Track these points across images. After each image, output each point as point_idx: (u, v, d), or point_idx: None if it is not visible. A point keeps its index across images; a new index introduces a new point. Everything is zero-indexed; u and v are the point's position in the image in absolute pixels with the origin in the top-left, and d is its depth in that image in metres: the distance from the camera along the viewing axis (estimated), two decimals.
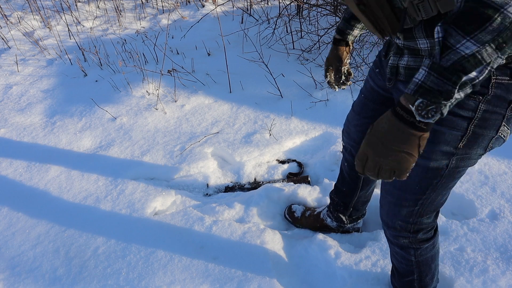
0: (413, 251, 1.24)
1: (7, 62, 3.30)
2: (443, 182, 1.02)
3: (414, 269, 1.28)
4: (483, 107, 0.85)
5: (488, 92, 0.83)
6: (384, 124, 0.77)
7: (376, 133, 0.78)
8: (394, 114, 0.75)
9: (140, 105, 2.60)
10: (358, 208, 1.66)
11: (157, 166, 2.12)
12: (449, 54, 0.66)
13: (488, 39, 0.64)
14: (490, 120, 0.87)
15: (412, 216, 1.13)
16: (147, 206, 1.85)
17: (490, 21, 0.62)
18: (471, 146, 0.92)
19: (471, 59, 0.65)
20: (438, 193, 1.06)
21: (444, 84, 0.68)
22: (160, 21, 3.80)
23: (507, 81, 0.82)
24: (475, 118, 0.87)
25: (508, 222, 1.68)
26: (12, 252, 1.67)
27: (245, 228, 1.72)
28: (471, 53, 0.65)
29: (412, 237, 1.20)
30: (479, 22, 0.63)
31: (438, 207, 1.14)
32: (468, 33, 0.64)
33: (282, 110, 2.47)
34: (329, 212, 1.72)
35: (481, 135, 0.90)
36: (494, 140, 0.92)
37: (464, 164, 0.98)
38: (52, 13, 4.05)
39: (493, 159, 2.00)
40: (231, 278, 1.51)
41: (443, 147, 0.93)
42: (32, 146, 2.30)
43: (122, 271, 1.56)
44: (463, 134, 0.89)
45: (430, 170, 0.99)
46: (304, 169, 2.15)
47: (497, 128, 0.89)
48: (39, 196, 1.94)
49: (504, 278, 1.46)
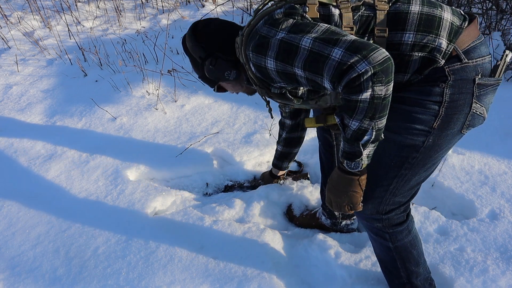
0: (388, 235, 1.27)
1: (7, 62, 3.30)
2: (419, 160, 1.11)
3: (395, 256, 1.31)
4: (448, 91, 1.04)
5: (448, 79, 1.03)
6: (334, 175, 1.12)
7: (331, 182, 1.14)
8: (339, 169, 1.10)
9: (140, 105, 2.60)
10: None
11: (157, 166, 2.12)
12: (347, 130, 1.00)
13: (362, 117, 0.95)
14: (459, 100, 1.05)
15: (386, 195, 1.18)
16: (147, 206, 1.85)
17: (356, 108, 0.94)
18: (446, 126, 1.07)
19: (358, 131, 0.98)
20: (415, 172, 1.14)
21: (353, 148, 1.02)
22: (160, 21, 3.80)
23: (459, 65, 1.03)
24: (444, 101, 1.05)
25: (508, 222, 1.68)
26: (12, 252, 1.67)
27: (245, 228, 1.72)
28: (357, 127, 0.98)
29: (384, 220, 1.23)
30: (352, 109, 0.95)
31: (414, 187, 1.19)
32: (350, 116, 0.97)
33: None
34: (323, 209, 1.75)
35: (454, 114, 1.06)
36: (469, 117, 1.07)
37: (441, 143, 1.10)
38: (52, 13, 4.05)
39: (493, 159, 2.00)
40: (231, 278, 1.51)
41: (418, 125, 1.07)
42: (32, 146, 2.29)
43: (122, 271, 1.56)
44: (436, 115, 1.06)
45: (406, 146, 1.11)
46: (303, 168, 2.15)
47: (469, 105, 1.06)
48: (39, 196, 1.94)
49: (504, 278, 1.46)
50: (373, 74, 0.89)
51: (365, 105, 0.93)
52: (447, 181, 1.90)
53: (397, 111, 1.08)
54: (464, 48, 1.04)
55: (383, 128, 1.00)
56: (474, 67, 1.04)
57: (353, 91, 0.92)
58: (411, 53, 1.03)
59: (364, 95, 0.91)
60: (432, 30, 1.03)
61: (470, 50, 1.04)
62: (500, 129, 2.19)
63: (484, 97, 1.08)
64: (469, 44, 1.04)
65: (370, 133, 0.98)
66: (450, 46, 1.03)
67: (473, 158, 2.02)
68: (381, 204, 1.20)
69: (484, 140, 2.12)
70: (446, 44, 1.03)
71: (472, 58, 1.04)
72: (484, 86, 1.06)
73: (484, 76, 1.05)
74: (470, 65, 1.03)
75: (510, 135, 2.15)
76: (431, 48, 1.03)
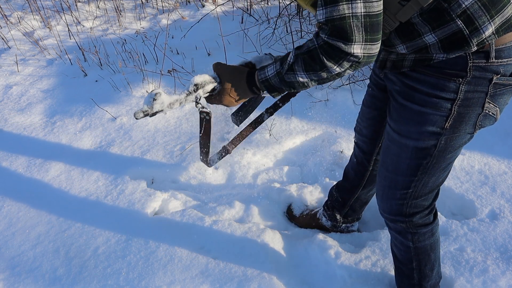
0: (410, 235, 1.25)
1: (7, 62, 3.30)
2: (434, 163, 1.08)
3: (413, 257, 1.29)
4: (464, 88, 0.95)
5: (467, 75, 0.94)
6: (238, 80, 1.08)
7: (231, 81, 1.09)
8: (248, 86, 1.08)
9: (140, 105, 2.60)
10: (355, 209, 1.66)
11: (157, 166, 2.12)
12: (291, 75, 0.98)
13: (314, 79, 0.96)
14: (473, 99, 0.97)
15: (406, 198, 1.16)
16: (147, 206, 1.85)
17: (318, 71, 0.93)
18: (458, 126, 1.01)
19: (301, 84, 0.99)
20: (431, 174, 1.11)
21: (280, 88, 1.02)
22: (160, 21, 3.80)
23: (484, 64, 0.93)
24: (457, 99, 0.97)
25: (508, 222, 1.68)
26: (12, 252, 1.67)
27: (245, 228, 1.72)
28: (303, 81, 0.98)
29: (408, 221, 1.21)
30: (314, 69, 0.93)
31: (434, 189, 1.17)
32: (306, 70, 0.95)
33: (282, 110, 2.45)
34: (324, 210, 1.73)
35: (466, 113, 0.99)
36: (481, 117, 1.01)
37: (454, 144, 1.05)
38: (52, 13, 4.05)
39: (493, 159, 2.00)
40: (231, 278, 1.51)
41: (429, 127, 1.02)
42: (32, 146, 2.29)
43: (122, 271, 1.56)
44: (448, 115, 0.99)
45: (419, 150, 1.06)
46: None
47: (481, 105, 0.98)
48: (39, 196, 1.94)
49: (504, 278, 1.46)
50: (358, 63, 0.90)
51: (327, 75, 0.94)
52: (447, 181, 1.90)
53: (408, 112, 1.04)
54: (500, 45, 0.93)
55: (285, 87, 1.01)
56: (496, 67, 0.94)
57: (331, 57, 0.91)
58: (455, 19, 0.89)
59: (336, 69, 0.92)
60: (491, 8, 0.89)
61: (504, 49, 0.93)
62: (500, 129, 2.19)
63: (499, 97, 0.99)
64: (507, 44, 0.93)
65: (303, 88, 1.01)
66: (492, 37, 0.90)
67: (473, 158, 2.02)
68: (404, 206, 1.19)
69: (484, 140, 2.12)
70: (490, 33, 0.90)
71: (500, 58, 0.93)
72: (502, 86, 0.97)
73: (504, 76, 0.96)
74: (494, 64, 0.94)
75: (510, 135, 2.15)
76: (475, 28, 0.89)
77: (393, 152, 1.13)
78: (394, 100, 1.08)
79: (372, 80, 1.28)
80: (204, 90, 1.11)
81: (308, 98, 2.53)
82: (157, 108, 1.09)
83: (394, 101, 1.08)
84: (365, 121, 1.37)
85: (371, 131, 1.37)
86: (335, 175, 2.05)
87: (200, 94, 1.11)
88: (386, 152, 1.17)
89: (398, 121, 1.08)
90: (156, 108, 1.09)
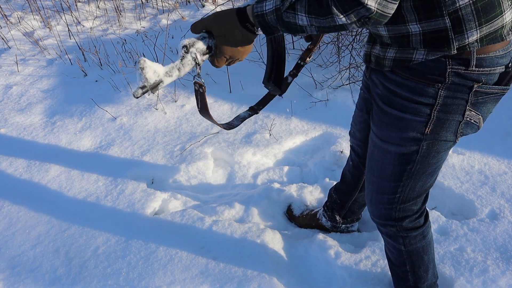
0: (401, 239, 1.25)
1: (7, 62, 3.30)
2: (418, 168, 1.07)
3: (406, 260, 1.29)
4: (443, 94, 0.94)
5: (445, 81, 0.92)
6: (232, 29, 0.94)
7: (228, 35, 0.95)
8: (243, 27, 0.93)
9: (140, 105, 2.60)
10: (353, 211, 1.66)
11: (157, 166, 2.12)
12: (290, 14, 0.85)
13: (315, 24, 0.83)
14: (452, 105, 0.95)
15: (394, 203, 1.16)
16: (147, 206, 1.85)
17: (324, 16, 0.81)
18: (438, 131, 0.99)
19: (298, 27, 0.86)
20: (417, 179, 1.10)
21: (275, 27, 0.89)
22: (160, 21, 3.80)
23: (463, 71, 0.91)
24: (436, 104, 0.95)
25: (508, 222, 1.68)
26: (12, 252, 1.67)
27: (245, 228, 1.72)
28: (302, 24, 0.85)
29: (398, 225, 1.21)
30: (318, 12, 0.81)
31: (421, 194, 1.16)
32: (309, 13, 0.83)
33: (282, 110, 2.47)
34: (324, 211, 1.73)
35: (446, 120, 0.98)
36: (463, 125, 0.99)
37: (436, 149, 1.04)
38: (52, 13, 4.05)
39: (493, 159, 2.00)
40: (231, 278, 1.51)
41: (410, 133, 1.01)
42: (32, 146, 2.29)
43: (122, 271, 1.56)
44: (428, 120, 0.98)
45: (401, 156, 1.05)
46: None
47: (462, 113, 0.97)
48: (39, 196, 1.94)
49: (504, 278, 1.46)
50: (368, 18, 0.78)
51: (330, 23, 0.82)
52: (447, 181, 1.90)
53: (388, 118, 1.03)
54: (482, 55, 0.90)
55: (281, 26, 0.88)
56: (477, 76, 0.92)
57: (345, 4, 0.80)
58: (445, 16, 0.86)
59: (341, 19, 0.80)
60: (482, 16, 0.85)
61: (487, 58, 0.91)
62: (500, 129, 2.19)
63: (482, 105, 0.97)
64: (490, 53, 0.90)
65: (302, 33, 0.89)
66: (474, 45, 0.88)
67: (473, 158, 2.02)
68: (392, 210, 1.18)
69: (484, 140, 2.12)
70: (473, 41, 0.87)
71: (481, 67, 0.91)
72: (484, 94, 0.95)
73: (486, 84, 0.93)
74: (474, 73, 0.91)
75: (510, 135, 2.15)
76: (460, 32, 0.86)
77: (377, 158, 1.13)
78: (376, 104, 1.08)
79: (363, 82, 1.27)
80: (198, 49, 0.98)
81: (308, 98, 2.53)
82: (151, 78, 0.94)
83: (376, 106, 1.08)
84: (358, 124, 1.37)
85: (364, 134, 1.35)
86: (335, 175, 2.05)
87: (194, 53, 0.98)
88: (371, 157, 1.16)
89: (380, 126, 1.07)
90: (150, 77, 0.94)
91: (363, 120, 1.32)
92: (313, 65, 2.85)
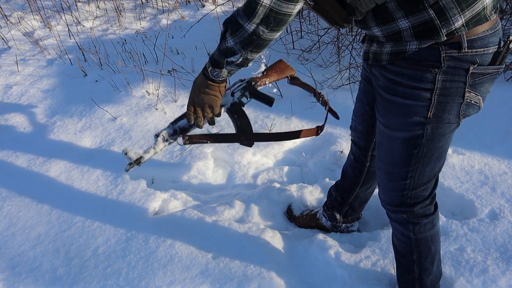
0: (411, 226, 1.27)
1: (7, 62, 3.30)
2: (425, 152, 1.11)
3: (413, 248, 1.31)
4: (440, 78, 0.99)
5: (441, 65, 0.98)
6: (199, 79, 1.21)
7: (195, 85, 1.23)
8: (203, 74, 1.19)
9: (140, 105, 2.60)
10: (354, 207, 1.67)
11: (157, 166, 2.12)
12: (223, 42, 1.06)
13: (237, 41, 1.03)
14: (451, 88, 1.01)
15: (406, 189, 1.20)
16: (147, 206, 1.85)
17: (238, 31, 1.01)
18: (440, 115, 1.05)
19: (229, 49, 1.06)
20: (425, 163, 1.14)
21: (220, 59, 1.10)
22: (160, 21, 3.80)
23: (457, 53, 0.97)
24: (435, 89, 1.01)
25: (508, 222, 1.68)
26: (12, 252, 1.67)
27: (245, 228, 1.72)
28: (230, 45, 1.05)
29: (410, 211, 1.24)
30: (234, 29, 1.02)
31: (431, 179, 1.20)
32: (231, 34, 1.03)
33: (282, 110, 2.47)
34: (324, 210, 1.74)
35: (447, 102, 1.03)
36: (464, 106, 1.04)
37: (441, 132, 1.09)
38: (52, 13, 4.05)
39: (493, 159, 2.00)
40: (231, 278, 1.51)
41: (413, 118, 1.06)
42: (32, 146, 2.29)
43: (122, 271, 1.56)
44: (429, 104, 1.03)
45: (408, 141, 1.10)
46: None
47: (461, 95, 1.02)
48: (39, 196, 1.94)
49: (504, 278, 1.46)
50: (266, 16, 0.95)
51: (244, 34, 1.00)
52: (447, 181, 1.90)
53: (392, 106, 1.09)
54: (471, 36, 0.96)
55: (252, 60, 1.10)
56: (472, 57, 0.97)
57: (244, 10, 0.97)
58: (428, 8, 0.92)
59: (248, 26, 0.98)
60: (462, 3, 0.92)
61: (477, 39, 0.96)
62: (500, 129, 2.19)
63: (480, 85, 1.03)
64: (479, 34, 0.96)
65: (237, 57, 1.07)
66: (462, 29, 0.94)
67: (473, 158, 2.02)
68: (404, 197, 1.22)
69: (484, 140, 2.12)
70: (460, 25, 0.94)
71: (474, 48, 0.96)
72: (481, 75, 1.00)
73: (481, 66, 0.99)
74: (468, 54, 0.97)
75: (510, 135, 2.15)
76: (445, 19, 0.93)
77: (385, 146, 1.18)
78: (379, 95, 1.13)
79: (363, 75, 1.32)
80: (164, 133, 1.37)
81: (308, 98, 2.53)
82: (133, 156, 1.31)
83: (379, 97, 1.13)
84: (359, 117, 1.41)
85: (365, 127, 1.40)
86: (335, 175, 2.05)
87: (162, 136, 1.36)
88: (380, 146, 1.21)
89: (385, 115, 1.13)
90: (132, 156, 1.31)
91: (363, 111, 1.36)
92: (313, 65, 2.85)
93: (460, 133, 2.18)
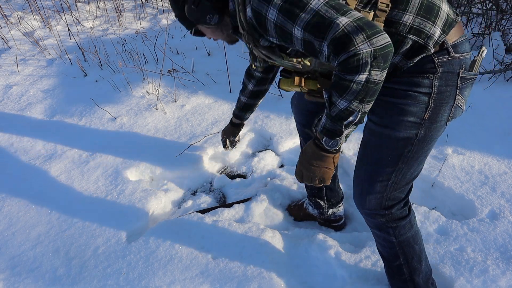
0: (391, 230, 1.29)
1: (7, 62, 3.30)
2: (414, 152, 1.16)
3: (398, 251, 1.32)
4: (437, 83, 1.08)
5: (437, 71, 1.07)
6: (309, 150, 1.12)
7: (305, 155, 1.14)
8: (314, 144, 1.10)
9: (140, 105, 2.60)
10: (331, 187, 1.72)
11: (157, 166, 2.12)
12: (333, 108, 1.00)
13: (352, 98, 0.96)
14: (446, 92, 1.10)
15: (386, 191, 1.22)
16: (147, 206, 1.85)
17: (349, 88, 0.94)
18: (435, 117, 1.12)
19: (345, 111, 0.99)
20: (410, 165, 1.18)
21: (336, 126, 1.02)
22: (160, 21, 3.80)
23: (447, 58, 1.07)
24: (433, 93, 1.09)
25: (508, 222, 1.68)
26: (12, 252, 1.67)
27: (245, 228, 1.72)
28: (344, 107, 0.98)
29: (388, 214, 1.26)
30: (344, 88, 0.95)
31: (410, 182, 1.23)
32: (340, 95, 0.97)
33: (282, 110, 2.47)
34: (309, 200, 1.80)
35: (442, 105, 1.11)
36: (453, 109, 1.13)
37: (431, 135, 1.15)
38: (52, 13, 4.06)
39: (493, 159, 2.00)
40: (231, 278, 1.51)
41: (410, 118, 1.11)
42: (32, 146, 2.29)
43: (122, 271, 1.56)
44: (427, 107, 1.10)
45: (401, 140, 1.14)
46: None
47: (453, 98, 1.11)
48: (39, 196, 1.94)
49: (504, 278, 1.46)
50: (373, 57, 0.90)
51: (358, 87, 0.94)
52: (447, 181, 1.90)
53: (389, 105, 1.12)
54: (452, 42, 1.08)
55: (367, 111, 1.03)
56: (459, 61, 1.08)
57: (349, 70, 0.92)
58: (406, 35, 1.04)
59: (360, 77, 0.92)
60: (430, 17, 1.05)
61: (457, 44, 1.08)
62: (500, 129, 2.19)
63: (464, 90, 1.13)
64: (457, 39, 1.09)
65: (355, 115, 1.00)
66: (442, 36, 1.06)
67: (473, 158, 2.02)
68: (383, 199, 1.23)
69: (484, 140, 2.12)
70: (439, 34, 1.06)
71: (458, 53, 1.08)
72: (466, 80, 1.11)
73: (466, 70, 1.10)
74: (456, 59, 1.08)
75: (510, 135, 2.15)
76: (426, 35, 1.05)
77: (373, 144, 1.19)
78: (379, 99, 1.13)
79: None
80: None
81: None
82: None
83: (379, 101, 1.14)
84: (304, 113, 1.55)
85: (315, 105, 1.51)
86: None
87: None
88: (367, 145, 1.22)
89: (380, 114, 1.15)
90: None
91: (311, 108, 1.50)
92: None
93: (460, 133, 2.18)
